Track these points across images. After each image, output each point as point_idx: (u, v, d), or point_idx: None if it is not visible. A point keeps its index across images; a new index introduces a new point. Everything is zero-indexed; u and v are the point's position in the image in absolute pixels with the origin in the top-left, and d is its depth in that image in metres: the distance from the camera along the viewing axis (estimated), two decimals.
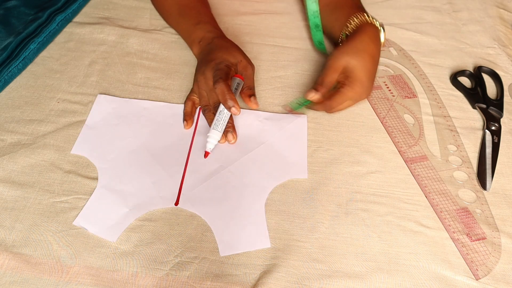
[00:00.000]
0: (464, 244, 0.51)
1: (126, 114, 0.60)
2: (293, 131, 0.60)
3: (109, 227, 0.49)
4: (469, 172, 0.58)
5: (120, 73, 0.66)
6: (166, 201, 0.52)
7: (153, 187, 0.53)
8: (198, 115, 0.61)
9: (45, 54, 0.68)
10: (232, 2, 0.80)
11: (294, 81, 0.67)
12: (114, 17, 0.75)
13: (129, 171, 0.54)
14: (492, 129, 0.62)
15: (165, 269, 0.47)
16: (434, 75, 0.70)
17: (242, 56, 0.62)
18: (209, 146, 0.56)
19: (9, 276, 0.45)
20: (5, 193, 0.52)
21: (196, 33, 0.66)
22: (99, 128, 0.58)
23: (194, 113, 0.61)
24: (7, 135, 0.57)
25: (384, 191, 0.55)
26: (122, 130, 0.58)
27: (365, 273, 0.48)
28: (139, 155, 0.56)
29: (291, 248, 0.49)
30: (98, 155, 0.55)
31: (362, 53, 0.57)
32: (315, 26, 0.69)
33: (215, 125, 0.56)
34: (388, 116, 0.64)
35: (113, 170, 0.54)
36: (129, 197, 0.52)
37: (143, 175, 0.54)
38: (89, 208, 0.50)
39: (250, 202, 0.53)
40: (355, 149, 0.59)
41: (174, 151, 0.57)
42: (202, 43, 0.65)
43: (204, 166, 0.55)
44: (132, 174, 0.54)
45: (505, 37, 0.79)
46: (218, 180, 0.54)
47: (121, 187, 0.53)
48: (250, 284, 0.46)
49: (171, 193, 0.53)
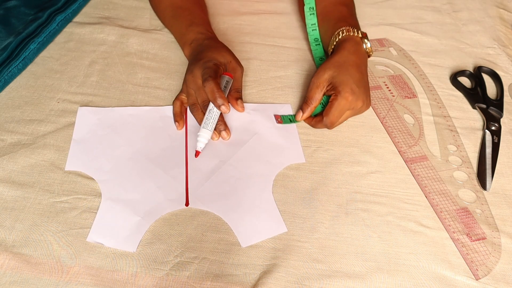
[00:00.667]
0: (464, 244, 0.51)
1: (113, 123, 0.59)
2: None
3: (125, 238, 0.49)
4: (469, 172, 0.58)
5: (120, 73, 0.66)
6: (175, 203, 0.52)
7: (159, 191, 0.53)
8: (186, 115, 0.61)
9: (45, 54, 0.68)
10: (232, 2, 0.80)
11: (294, 81, 0.67)
12: (114, 17, 0.75)
13: (131, 179, 0.54)
14: (492, 129, 0.62)
15: (165, 269, 0.47)
16: (434, 75, 0.70)
17: (231, 57, 0.62)
18: (199, 145, 0.56)
19: (9, 276, 0.45)
20: (5, 193, 0.52)
21: (188, 35, 0.66)
22: (88, 141, 0.57)
23: (184, 113, 0.61)
24: (7, 135, 0.57)
25: (384, 191, 0.55)
26: (112, 139, 0.57)
27: (365, 273, 0.48)
28: (137, 162, 0.55)
29: (291, 248, 0.49)
30: (94, 168, 0.54)
31: (344, 65, 0.58)
32: (314, 39, 0.69)
33: (205, 124, 0.56)
34: (388, 116, 0.64)
35: (114, 181, 0.53)
36: (138, 205, 0.51)
37: (146, 181, 0.54)
38: (99, 223, 0.50)
39: (257, 191, 0.53)
40: (355, 149, 0.59)
41: (170, 153, 0.57)
42: (193, 45, 0.65)
43: (205, 164, 0.56)
44: (134, 181, 0.53)
45: (505, 37, 0.79)
46: (222, 175, 0.55)
47: (127, 196, 0.52)
48: (250, 284, 0.46)
49: (178, 195, 0.53)
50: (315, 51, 0.69)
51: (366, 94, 0.58)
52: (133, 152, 0.56)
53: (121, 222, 0.50)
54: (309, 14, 0.69)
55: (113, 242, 0.48)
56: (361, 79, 0.58)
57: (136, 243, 0.48)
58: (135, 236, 0.49)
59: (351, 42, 0.61)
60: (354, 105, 0.57)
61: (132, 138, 0.58)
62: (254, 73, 0.68)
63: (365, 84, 0.59)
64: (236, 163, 0.56)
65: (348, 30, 0.62)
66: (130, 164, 0.55)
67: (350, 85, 0.56)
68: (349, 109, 0.57)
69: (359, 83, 0.57)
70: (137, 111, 0.61)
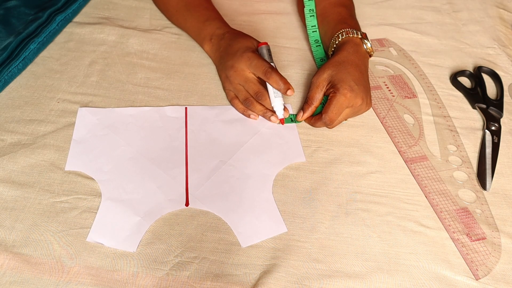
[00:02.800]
0: (464, 244, 0.51)
1: (112, 124, 0.59)
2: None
3: (125, 238, 0.49)
4: (469, 172, 0.58)
5: (120, 73, 0.66)
6: (175, 203, 0.52)
7: (159, 191, 0.53)
8: (186, 115, 0.61)
9: (45, 54, 0.68)
10: (232, 2, 0.80)
11: (294, 81, 0.67)
12: (114, 17, 0.75)
13: (131, 179, 0.54)
14: (492, 129, 0.62)
15: (165, 269, 0.47)
16: (434, 75, 0.70)
17: (256, 41, 0.64)
18: (280, 114, 0.59)
19: (9, 276, 0.45)
20: (5, 193, 0.52)
21: (206, 30, 0.67)
22: (88, 141, 0.57)
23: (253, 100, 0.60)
24: (7, 135, 0.57)
25: (384, 191, 0.55)
26: (112, 139, 0.57)
27: (365, 273, 0.48)
28: (137, 161, 0.55)
29: (291, 248, 0.49)
30: (95, 168, 0.54)
31: (344, 64, 0.59)
32: (315, 41, 0.69)
33: (276, 93, 0.59)
34: (388, 116, 0.64)
35: (114, 181, 0.53)
36: (138, 205, 0.51)
37: (146, 181, 0.54)
38: (99, 223, 0.50)
39: (257, 191, 0.53)
40: (355, 149, 0.59)
41: (170, 153, 0.57)
42: (214, 40, 0.66)
43: (205, 164, 0.56)
44: (134, 181, 0.54)
45: (505, 37, 0.79)
46: (222, 175, 0.55)
47: (127, 196, 0.52)
48: (250, 284, 0.46)
49: (178, 195, 0.53)
50: (316, 52, 0.69)
51: (365, 93, 0.58)
52: (133, 152, 0.56)
53: (121, 222, 0.50)
54: (309, 16, 0.69)
55: (113, 242, 0.48)
56: (360, 78, 0.58)
57: (136, 243, 0.48)
58: (135, 236, 0.49)
59: (350, 43, 0.61)
60: (353, 103, 0.57)
61: (132, 138, 0.58)
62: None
63: (364, 82, 0.59)
64: (235, 163, 0.56)
65: (347, 32, 0.62)
66: (130, 164, 0.55)
67: (349, 82, 0.56)
68: (348, 106, 0.57)
69: (358, 81, 0.57)
70: (137, 111, 0.61)
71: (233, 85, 0.61)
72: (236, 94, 0.61)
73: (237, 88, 0.61)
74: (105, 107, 0.61)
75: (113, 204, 0.51)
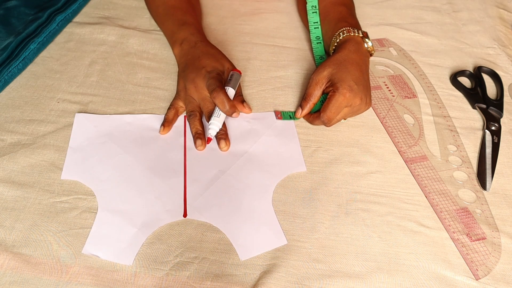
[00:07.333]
0: (464, 244, 0.51)
1: (110, 131, 0.58)
2: (282, 126, 0.61)
3: (122, 250, 0.48)
4: (469, 172, 0.58)
5: (120, 73, 0.66)
6: (173, 214, 0.51)
7: (157, 202, 0.52)
8: (185, 123, 0.60)
9: (45, 54, 0.68)
10: (232, 2, 0.80)
11: (294, 81, 0.67)
12: (114, 17, 0.75)
13: (128, 189, 0.52)
14: (492, 129, 0.62)
15: (165, 269, 0.47)
16: (434, 75, 0.70)
17: (229, 63, 0.63)
18: (211, 132, 0.57)
19: (9, 276, 0.45)
20: (5, 193, 0.52)
21: (179, 34, 0.66)
22: (85, 149, 0.56)
23: (175, 121, 0.60)
24: (7, 135, 0.57)
25: (384, 191, 0.55)
26: (109, 147, 0.56)
27: (365, 273, 0.48)
28: (134, 171, 0.54)
29: (291, 248, 0.49)
30: (91, 177, 0.53)
31: (344, 63, 0.58)
32: (316, 37, 0.69)
33: (216, 113, 0.57)
34: (388, 116, 0.64)
35: (111, 191, 0.52)
36: (135, 216, 0.50)
37: (144, 191, 0.53)
38: (96, 234, 0.48)
39: (257, 202, 0.53)
40: (355, 149, 0.59)
41: (169, 162, 0.56)
42: (184, 45, 0.65)
43: (204, 174, 0.55)
44: (132, 191, 0.52)
45: (505, 37, 0.79)
46: (221, 186, 0.54)
47: (124, 206, 0.51)
48: (250, 284, 0.46)
49: (176, 206, 0.52)
50: (316, 50, 0.69)
51: (365, 92, 0.58)
52: (130, 161, 0.55)
53: (117, 234, 0.49)
54: (312, 12, 0.69)
55: (109, 255, 0.47)
56: (361, 77, 0.58)
57: (133, 256, 0.47)
58: (132, 248, 0.48)
59: (352, 42, 0.61)
60: (352, 102, 0.57)
61: (129, 146, 0.57)
62: (254, 73, 0.68)
63: (364, 82, 0.59)
64: (235, 173, 0.55)
65: (348, 31, 0.62)
66: (127, 173, 0.54)
67: (348, 82, 0.56)
68: (347, 106, 0.57)
69: (358, 81, 0.57)
70: (135, 119, 0.60)
71: (186, 96, 0.60)
72: (184, 103, 0.61)
73: (189, 100, 0.60)
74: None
75: (109, 215, 0.50)
